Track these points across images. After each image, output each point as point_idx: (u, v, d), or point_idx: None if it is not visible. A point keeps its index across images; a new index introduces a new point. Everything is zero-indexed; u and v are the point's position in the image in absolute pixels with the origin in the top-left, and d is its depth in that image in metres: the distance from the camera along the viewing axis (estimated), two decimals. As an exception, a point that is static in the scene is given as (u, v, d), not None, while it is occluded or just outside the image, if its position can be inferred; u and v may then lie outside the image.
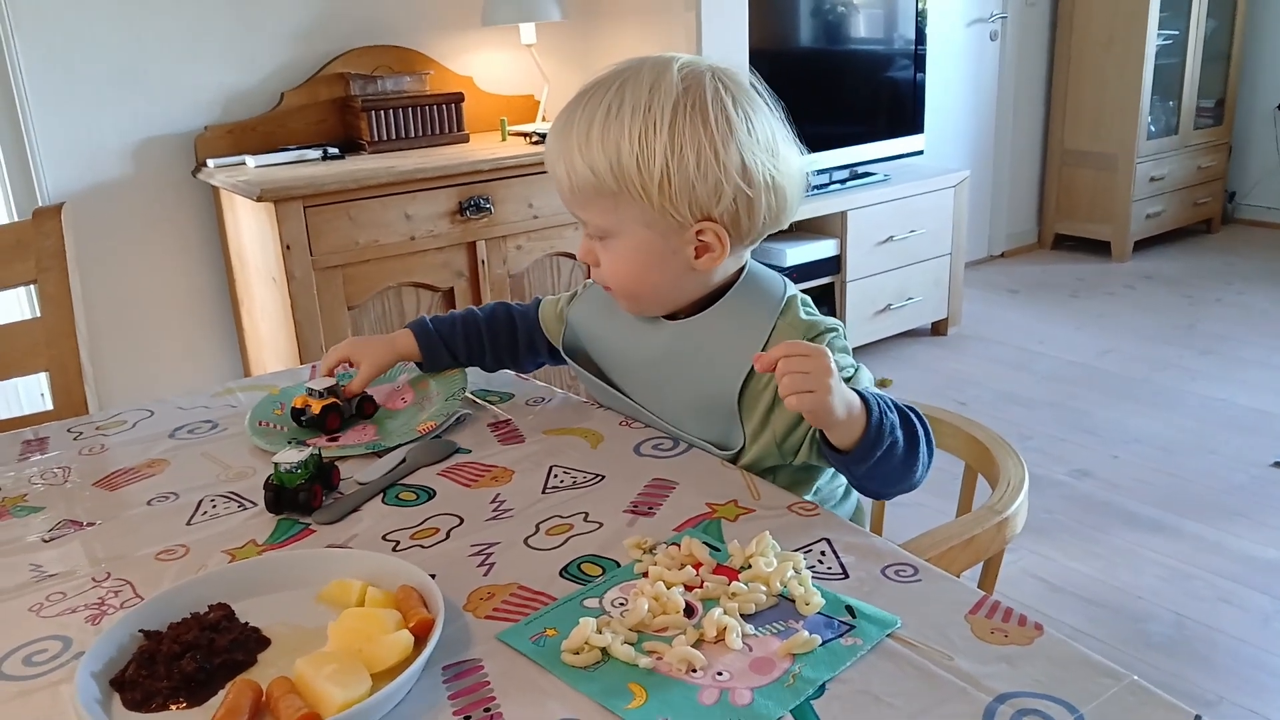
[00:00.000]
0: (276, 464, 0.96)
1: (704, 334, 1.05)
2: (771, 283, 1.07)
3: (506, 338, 1.24)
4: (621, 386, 1.14)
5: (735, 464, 1.02)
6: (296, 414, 1.15)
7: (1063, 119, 4.61)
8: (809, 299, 1.06)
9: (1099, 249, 4.66)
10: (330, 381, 1.16)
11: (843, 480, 1.10)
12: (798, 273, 3.21)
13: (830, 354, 0.86)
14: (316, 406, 1.14)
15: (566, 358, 1.19)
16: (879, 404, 0.90)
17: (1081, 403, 3.11)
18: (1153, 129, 4.49)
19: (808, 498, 1.04)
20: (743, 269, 1.06)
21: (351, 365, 1.20)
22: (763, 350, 1.00)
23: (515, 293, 2.64)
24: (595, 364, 1.17)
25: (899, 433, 0.91)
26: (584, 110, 0.98)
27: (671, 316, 1.07)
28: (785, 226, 1.05)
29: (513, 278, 2.62)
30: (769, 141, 0.99)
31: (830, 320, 1.03)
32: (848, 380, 0.97)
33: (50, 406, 1.50)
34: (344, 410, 1.16)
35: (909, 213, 3.47)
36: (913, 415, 0.95)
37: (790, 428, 0.99)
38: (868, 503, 1.19)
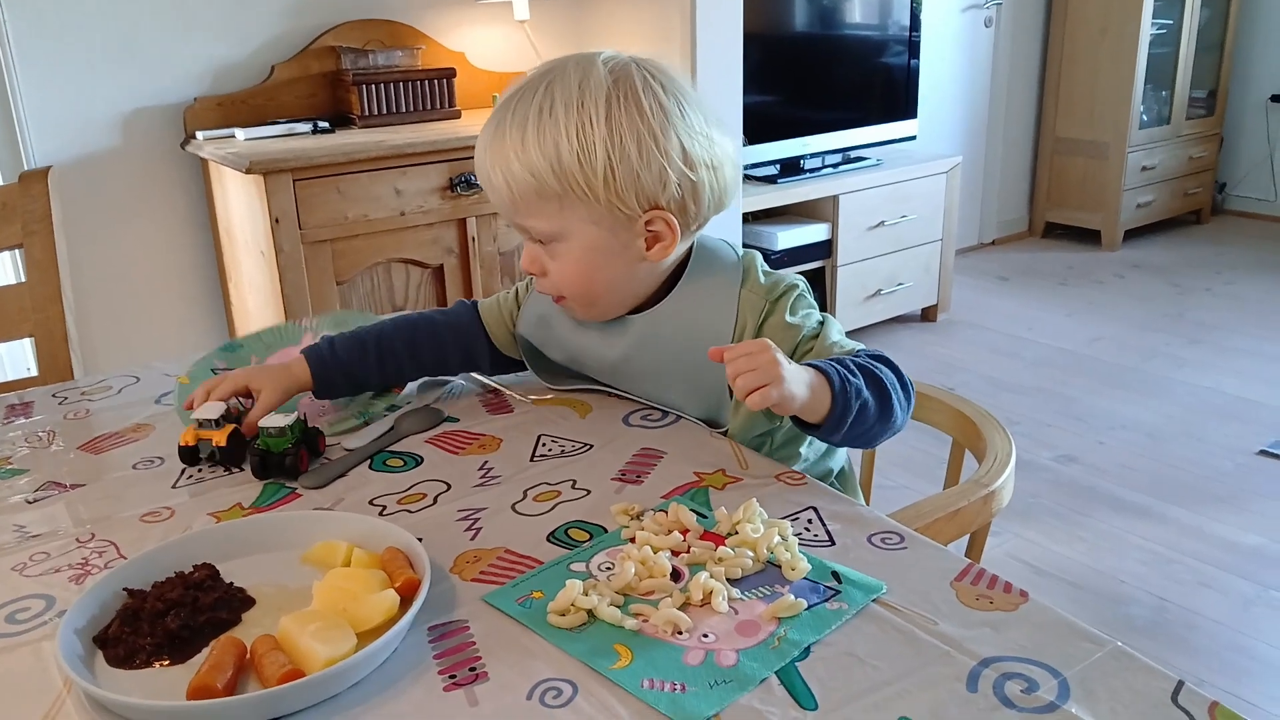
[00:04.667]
0: (262, 428, 0.96)
1: (670, 321, 1.04)
2: (723, 253, 1.06)
3: (431, 351, 1.15)
4: (593, 378, 1.13)
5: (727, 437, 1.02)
6: (189, 454, 0.97)
7: (1055, 107, 4.61)
8: (759, 255, 1.06)
9: (1089, 237, 4.67)
10: (221, 407, 0.98)
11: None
12: (788, 256, 3.21)
13: (772, 344, 0.86)
14: (220, 437, 0.96)
15: (530, 365, 1.15)
16: (839, 373, 0.89)
17: (1069, 389, 3.13)
18: (1145, 118, 4.50)
19: (801, 449, 1.05)
20: (690, 248, 1.05)
21: (249, 394, 1.04)
22: (736, 321, 1.00)
23: (505, 271, 2.63)
24: (556, 363, 1.15)
25: (867, 393, 0.90)
26: (514, 114, 0.95)
27: (632, 310, 1.06)
28: (727, 209, 1.04)
29: (503, 255, 2.61)
30: (703, 126, 0.98)
31: (790, 277, 1.03)
32: (815, 336, 0.99)
33: (35, 373, 1.49)
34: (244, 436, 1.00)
35: (901, 198, 3.47)
36: (878, 368, 0.94)
37: None
38: (855, 462, 1.18)
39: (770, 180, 3.27)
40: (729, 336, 1.01)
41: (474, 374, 1.21)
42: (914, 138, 3.60)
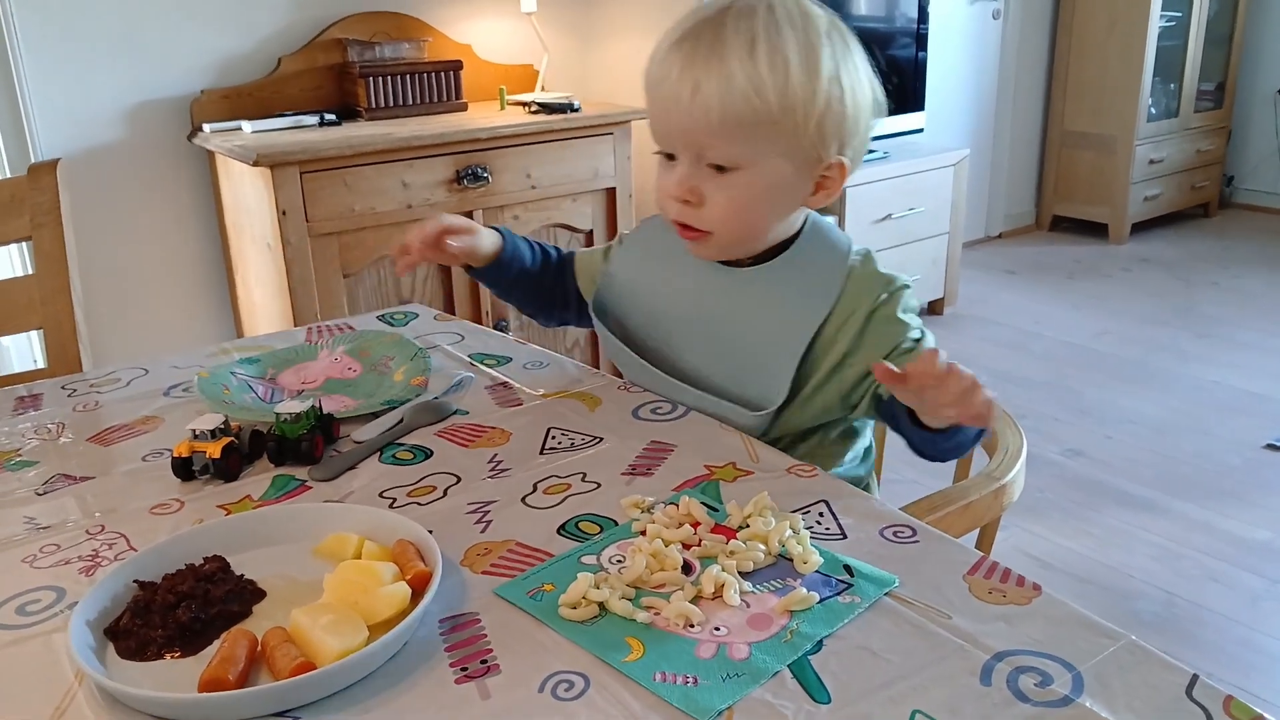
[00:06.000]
0: (278, 414, 0.96)
1: (775, 281, 1.01)
2: (837, 233, 1.05)
3: (552, 282, 1.18)
4: (658, 337, 1.09)
5: (776, 418, 1.00)
6: (182, 466, 0.94)
7: (1063, 100, 4.59)
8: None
9: (1096, 231, 4.65)
10: (218, 419, 0.95)
11: (866, 445, 1.10)
12: (795, 249, 3.20)
13: (965, 369, 0.81)
14: (215, 449, 0.93)
15: (594, 315, 1.13)
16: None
17: (1076, 383, 3.12)
18: (1153, 111, 4.48)
19: (848, 455, 1.05)
20: (805, 219, 1.04)
21: (457, 230, 1.10)
22: (840, 296, 0.98)
23: (512, 263, 2.62)
24: (626, 319, 1.12)
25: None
26: (737, 30, 0.90)
27: (731, 264, 1.03)
28: None
29: (509, 248, 2.61)
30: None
31: (904, 276, 1.02)
32: (918, 340, 0.97)
33: (43, 365, 1.49)
34: (241, 448, 0.97)
35: (908, 191, 3.46)
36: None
37: (860, 378, 0.98)
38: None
39: (777, 173, 3.25)
40: (827, 308, 0.98)
41: (481, 366, 1.21)
42: (921, 130, 3.59)
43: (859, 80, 0.94)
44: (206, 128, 2.52)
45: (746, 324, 1.02)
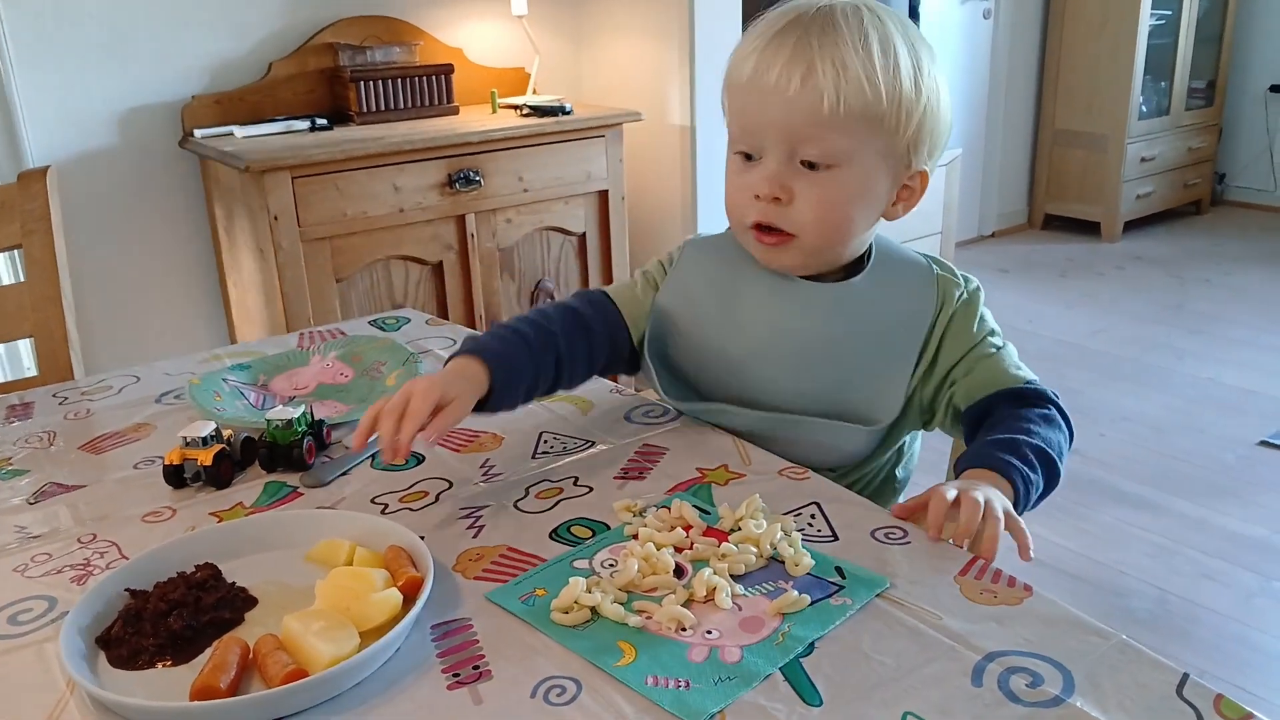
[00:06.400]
0: (269, 420, 0.96)
1: (873, 293, 0.98)
2: (901, 246, 1.04)
3: (585, 353, 1.01)
4: (720, 362, 1.01)
5: (886, 435, 0.98)
6: (174, 473, 0.94)
7: (1054, 99, 4.60)
8: None
9: (1089, 229, 4.66)
10: (210, 426, 0.95)
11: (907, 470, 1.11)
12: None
13: (994, 497, 0.79)
14: (206, 456, 0.93)
15: (646, 356, 1.03)
16: (1025, 482, 0.85)
17: (1071, 382, 3.12)
18: (1144, 109, 4.49)
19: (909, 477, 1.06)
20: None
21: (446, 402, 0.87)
22: (936, 297, 0.97)
23: (505, 267, 2.63)
24: (675, 348, 1.04)
25: (1038, 491, 0.87)
26: (847, 22, 0.89)
27: (813, 279, 0.99)
28: None
29: (502, 251, 2.61)
30: None
31: (975, 278, 1.01)
32: (1000, 348, 0.97)
33: (35, 373, 1.48)
34: (233, 455, 0.97)
35: (900, 191, 3.46)
36: (1052, 446, 0.89)
37: (940, 384, 0.97)
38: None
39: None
40: (930, 315, 0.97)
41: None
42: (913, 130, 3.60)
43: (946, 88, 0.95)
44: (198, 133, 2.52)
45: (850, 338, 0.97)
